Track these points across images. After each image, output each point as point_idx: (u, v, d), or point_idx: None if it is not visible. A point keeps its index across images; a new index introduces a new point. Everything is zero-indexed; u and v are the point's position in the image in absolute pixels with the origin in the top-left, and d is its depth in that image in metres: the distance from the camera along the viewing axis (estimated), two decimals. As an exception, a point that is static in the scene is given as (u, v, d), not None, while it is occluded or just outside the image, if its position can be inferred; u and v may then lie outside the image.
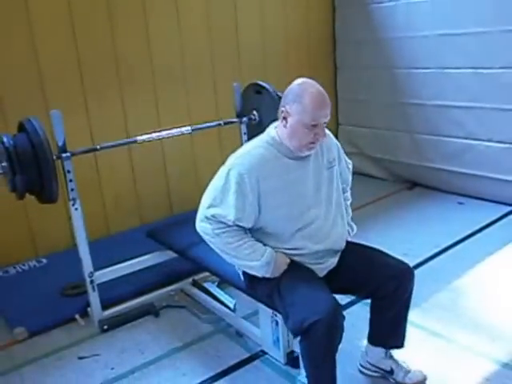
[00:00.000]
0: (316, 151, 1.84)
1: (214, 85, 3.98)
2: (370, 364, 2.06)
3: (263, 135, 1.88)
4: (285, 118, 1.76)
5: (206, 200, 1.83)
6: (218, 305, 2.62)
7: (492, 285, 2.73)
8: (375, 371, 2.06)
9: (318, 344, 1.64)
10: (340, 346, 1.69)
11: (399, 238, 3.30)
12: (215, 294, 2.69)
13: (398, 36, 4.13)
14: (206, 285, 2.79)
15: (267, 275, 1.81)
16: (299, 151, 1.78)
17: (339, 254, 1.94)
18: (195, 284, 2.85)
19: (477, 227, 3.41)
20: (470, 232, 3.35)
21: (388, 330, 1.96)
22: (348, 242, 1.98)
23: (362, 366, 2.10)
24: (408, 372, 2.00)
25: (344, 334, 1.68)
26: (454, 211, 3.78)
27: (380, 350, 2.02)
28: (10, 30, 3.06)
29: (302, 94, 1.70)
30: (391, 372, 2.02)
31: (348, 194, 2.11)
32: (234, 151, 1.86)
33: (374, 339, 2.01)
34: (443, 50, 3.82)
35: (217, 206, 1.78)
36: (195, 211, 1.84)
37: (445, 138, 3.99)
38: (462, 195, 4.00)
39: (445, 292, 2.67)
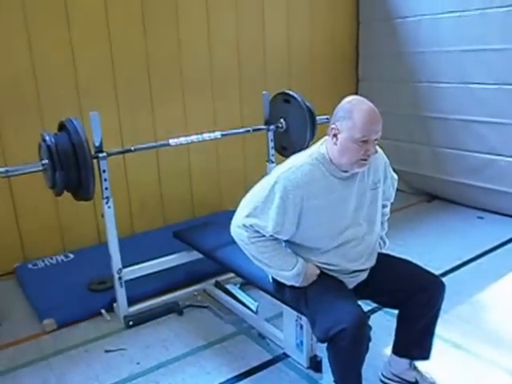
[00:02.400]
0: (363, 172, 1.81)
1: (239, 94, 4.06)
2: (393, 375, 2.03)
3: (312, 150, 1.83)
4: (335, 136, 1.72)
5: (245, 207, 1.82)
6: (241, 306, 2.66)
7: (514, 300, 2.71)
8: (398, 382, 2.03)
9: (344, 352, 1.65)
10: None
11: (418, 250, 3.27)
12: (238, 295, 2.74)
13: (422, 50, 4.13)
14: (228, 286, 2.84)
15: (296, 285, 1.83)
16: (350, 168, 1.74)
17: (370, 269, 1.94)
18: (218, 285, 2.90)
19: (497, 242, 3.40)
20: (490, 247, 3.33)
21: (414, 342, 1.92)
22: (378, 254, 1.97)
23: (384, 376, 2.07)
24: None
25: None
26: (474, 225, 3.77)
27: (404, 362, 1.99)
28: (49, 33, 3.17)
29: (352, 109, 1.68)
30: (416, 383, 2.00)
31: (387, 210, 2.09)
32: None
33: (399, 350, 1.98)
34: (467, 65, 3.82)
35: (256, 216, 1.77)
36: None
37: (466, 152, 3.98)
38: (482, 210, 3.99)
39: (466, 305, 2.67)
